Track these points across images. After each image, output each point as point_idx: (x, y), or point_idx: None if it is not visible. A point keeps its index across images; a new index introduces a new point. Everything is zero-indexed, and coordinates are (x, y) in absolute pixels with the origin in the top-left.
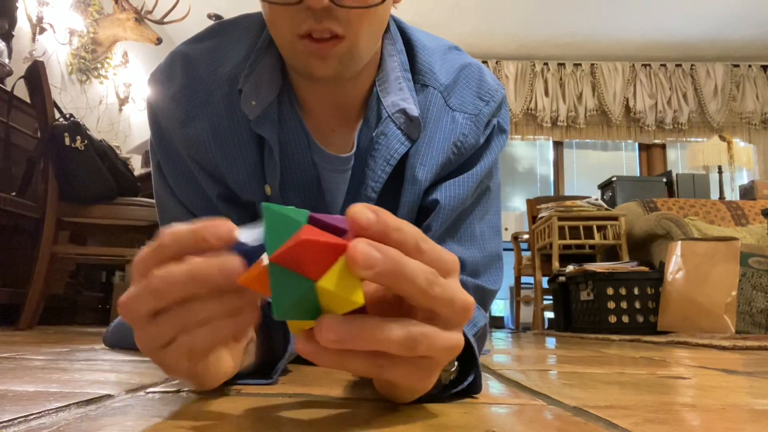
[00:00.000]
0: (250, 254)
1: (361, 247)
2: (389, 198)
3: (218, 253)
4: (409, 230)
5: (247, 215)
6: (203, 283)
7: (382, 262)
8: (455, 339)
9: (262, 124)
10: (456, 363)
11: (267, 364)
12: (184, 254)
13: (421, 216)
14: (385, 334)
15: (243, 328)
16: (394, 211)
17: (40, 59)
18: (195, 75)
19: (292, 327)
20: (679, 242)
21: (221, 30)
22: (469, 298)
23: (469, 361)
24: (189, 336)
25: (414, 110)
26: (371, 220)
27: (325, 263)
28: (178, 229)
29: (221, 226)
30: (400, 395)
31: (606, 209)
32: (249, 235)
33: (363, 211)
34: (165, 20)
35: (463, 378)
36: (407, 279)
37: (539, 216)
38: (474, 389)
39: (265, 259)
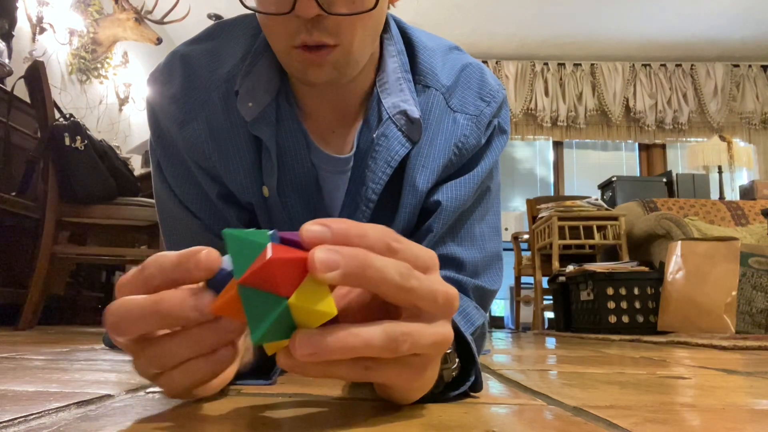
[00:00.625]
0: (224, 281)
1: (317, 253)
2: (389, 199)
3: (193, 288)
4: (376, 233)
5: (246, 215)
6: (173, 319)
7: (343, 263)
8: (442, 333)
9: (259, 125)
10: (457, 360)
11: (266, 364)
12: (170, 284)
13: (422, 217)
14: (361, 339)
15: (220, 368)
16: (394, 212)
17: (40, 59)
18: (194, 76)
19: (268, 349)
20: (679, 242)
21: (220, 31)
22: (452, 290)
23: (467, 360)
24: (166, 378)
25: (415, 112)
26: (323, 233)
27: (295, 279)
28: (163, 258)
29: (204, 256)
30: (400, 396)
31: (606, 209)
32: (229, 262)
33: (312, 228)
34: (165, 20)
35: (464, 379)
36: (377, 275)
37: (539, 216)
38: (475, 388)
39: (227, 292)
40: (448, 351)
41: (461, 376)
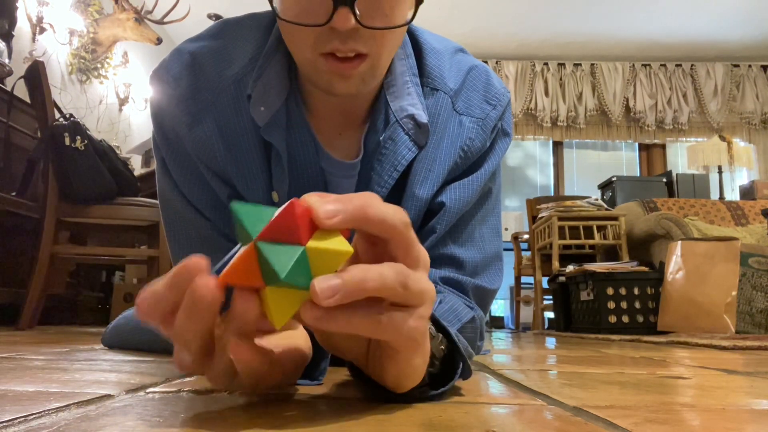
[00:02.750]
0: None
1: (320, 206)
2: (394, 202)
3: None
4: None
5: None
6: (200, 310)
7: (342, 210)
8: (427, 282)
9: (270, 130)
10: (440, 335)
11: (311, 364)
12: (175, 307)
13: (426, 217)
14: (376, 272)
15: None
16: None
17: (40, 59)
18: (201, 76)
19: (277, 320)
20: (679, 242)
21: (227, 30)
22: (423, 250)
23: (454, 352)
24: (237, 384)
25: (422, 116)
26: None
27: (309, 228)
28: (155, 286)
29: (191, 263)
30: (401, 374)
31: (606, 209)
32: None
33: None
34: (165, 20)
35: (452, 369)
36: (378, 215)
37: (539, 216)
38: (464, 375)
39: (241, 252)
40: (429, 326)
41: (447, 370)
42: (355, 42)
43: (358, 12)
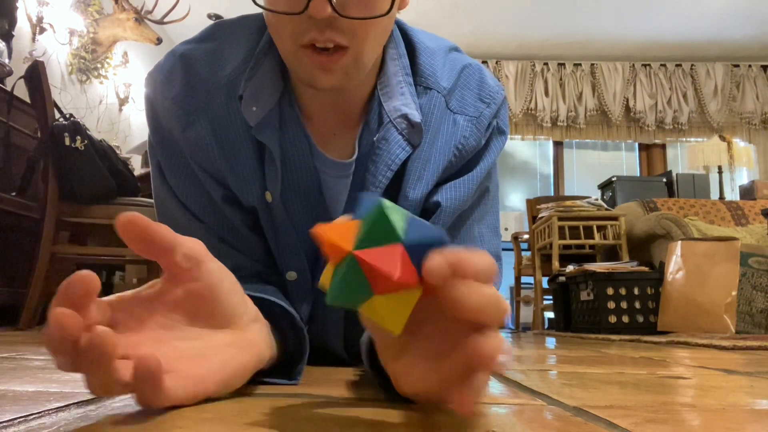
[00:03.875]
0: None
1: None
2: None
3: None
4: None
5: (251, 218)
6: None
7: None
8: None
9: (263, 130)
10: None
11: (290, 363)
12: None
13: (422, 216)
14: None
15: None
16: None
17: (40, 59)
18: (195, 77)
19: (395, 326)
20: (679, 242)
21: (220, 32)
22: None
23: None
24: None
25: (416, 116)
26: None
27: (394, 288)
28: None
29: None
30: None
31: (606, 209)
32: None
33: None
34: (165, 20)
35: None
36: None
37: (539, 216)
38: None
39: (350, 221)
40: None
41: None
42: (333, 32)
43: (334, 1)
